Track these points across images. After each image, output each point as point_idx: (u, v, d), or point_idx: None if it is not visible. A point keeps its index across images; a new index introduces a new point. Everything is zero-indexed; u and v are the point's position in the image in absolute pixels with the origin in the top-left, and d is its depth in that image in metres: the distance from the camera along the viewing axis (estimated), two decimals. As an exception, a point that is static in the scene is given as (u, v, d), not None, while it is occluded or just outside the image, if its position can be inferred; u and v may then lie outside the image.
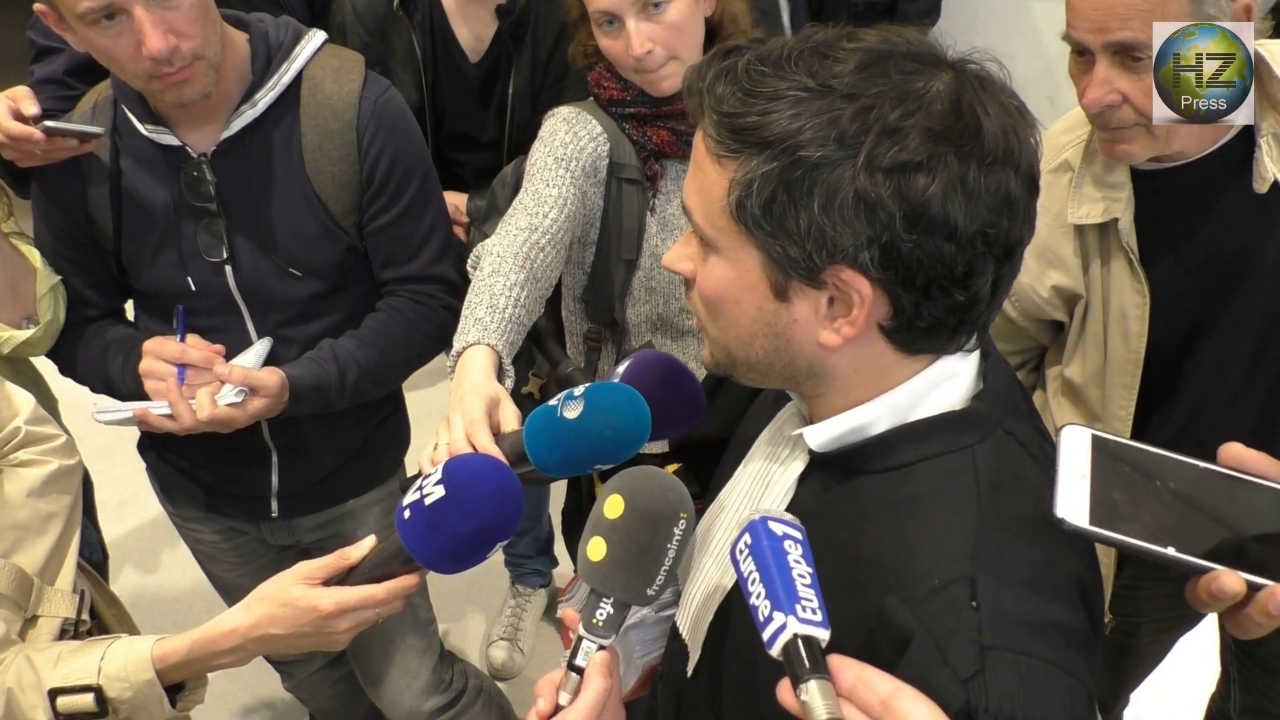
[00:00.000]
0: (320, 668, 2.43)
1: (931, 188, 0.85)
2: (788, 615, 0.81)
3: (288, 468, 1.96)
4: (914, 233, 0.86)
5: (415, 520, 1.11)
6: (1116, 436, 0.91)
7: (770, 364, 0.99)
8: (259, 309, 1.80)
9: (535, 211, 1.73)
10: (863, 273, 0.88)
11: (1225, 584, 0.82)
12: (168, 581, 3.32)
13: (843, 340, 0.92)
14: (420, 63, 2.31)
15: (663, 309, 1.95)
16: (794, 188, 0.87)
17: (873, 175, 0.85)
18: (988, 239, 0.88)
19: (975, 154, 0.86)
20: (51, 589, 1.47)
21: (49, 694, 1.34)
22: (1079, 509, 0.85)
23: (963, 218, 0.86)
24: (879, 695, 0.77)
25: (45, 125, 1.67)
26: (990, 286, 0.91)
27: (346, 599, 1.23)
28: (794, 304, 0.93)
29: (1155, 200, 1.59)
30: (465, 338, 1.49)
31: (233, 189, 1.72)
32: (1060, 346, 1.77)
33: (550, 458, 1.18)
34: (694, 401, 1.28)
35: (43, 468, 1.50)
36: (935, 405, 0.97)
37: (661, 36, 1.76)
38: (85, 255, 1.81)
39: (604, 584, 1.01)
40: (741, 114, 0.88)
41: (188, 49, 1.54)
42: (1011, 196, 0.88)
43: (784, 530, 0.87)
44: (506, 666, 3.00)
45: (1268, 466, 0.89)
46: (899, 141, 0.85)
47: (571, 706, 0.98)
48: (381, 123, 1.76)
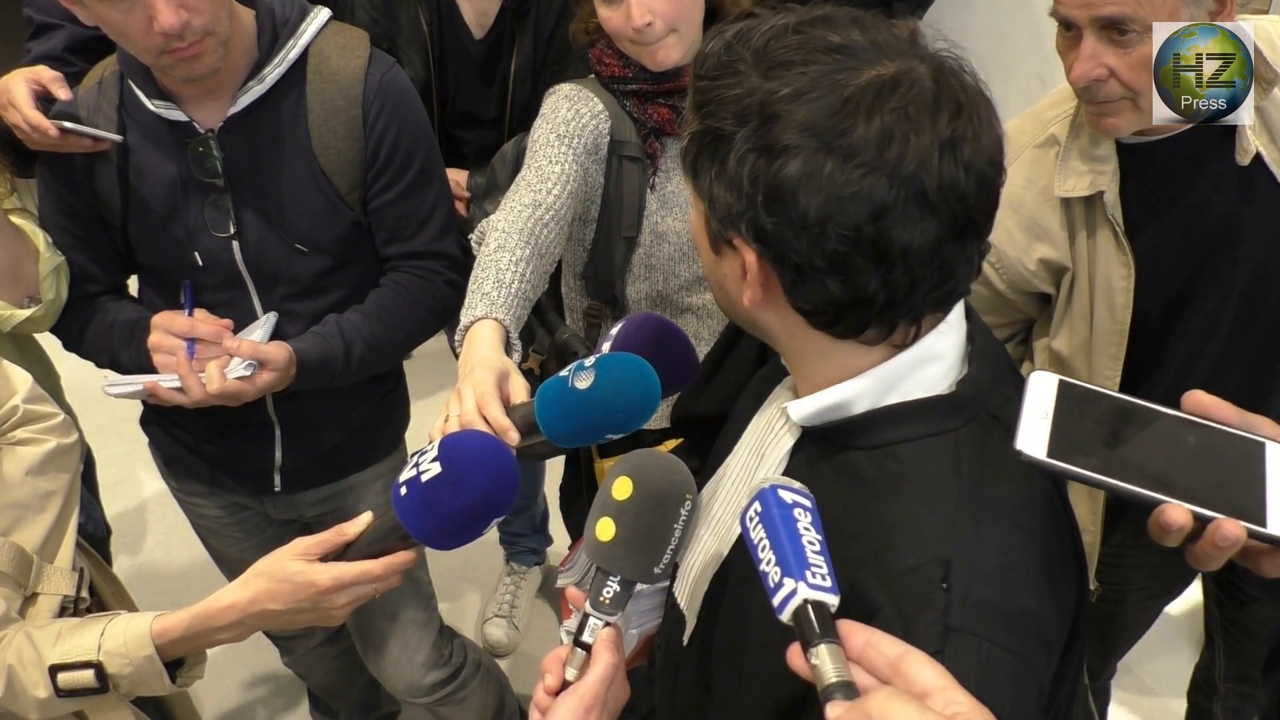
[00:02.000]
0: (320, 643, 2.44)
1: (786, 172, 0.88)
2: (798, 581, 0.82)
3: (291, 442, 1.98)
4: (772, 215, 0.89)
5: (411, 497, 1.13)
6: (1083, 383, 0.95)
7: (730, 313, 1.05)
8: (265, 284, 1.81)
9: (539, 188, 1.75)
10: (746, 242, 0.93)
11: (1172, 516, 0.86)
12: (163, 560, 3.33)
13: (750, 303, 0.97)
14: (427, 39, 2.33)
15: (662, 286, 1.97)
16: (704, 152, 0.94)
17: (746, 154, 0.90)
18: (855, 239, 0.88)
19: (841, 152, 0.87)
20: (51, 567, 1.48)
21: (50, 670, 1.35)
22: (1038, 443, 0.89)
23: (814, 209, 0.87)
24: (887, 658, 0.78)
25: (63, 126, 1.68)
26: (881, 287, 0.91)
27: (344, 574, 1.25)
28: (724, 260, 0.99)
29: (1140, 173, 1.61)
30: (473, 312, 1.51)
31: (239, 164, 1.73)
32: (1047, 319, 1.79)
33: (562, 428, 1.21)
34: (686, 360, 1.31)
35: (41, 446, 1.50)
36: (918, 387, 0.99)
37: (662, 9, 1.78)
38: (91, 231, 1.82)
39: (612, 563, 1.04)
40: (708, 81, 0.95)
41: (198, 25, 1.55)
42: (879, 201, 0.87)
43: (794, 498, 0.89)
44: (501, 644, 3.03)
45: (1228, 413, 0.94)
46: (774, 126, 0.89)
47: (580, 682, 1.01)
48: (387, 100, 1.77)
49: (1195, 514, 0.87)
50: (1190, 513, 0.86)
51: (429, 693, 2.26)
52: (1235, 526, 0.86)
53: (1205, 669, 2.41)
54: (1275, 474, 0.89)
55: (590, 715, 0.99)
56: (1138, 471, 0.89)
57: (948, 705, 0.74)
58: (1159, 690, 2.69)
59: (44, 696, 1.36)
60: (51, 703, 1.37)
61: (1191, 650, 2.48)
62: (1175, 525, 0.86)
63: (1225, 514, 0.87)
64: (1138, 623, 2.19)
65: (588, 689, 1.00)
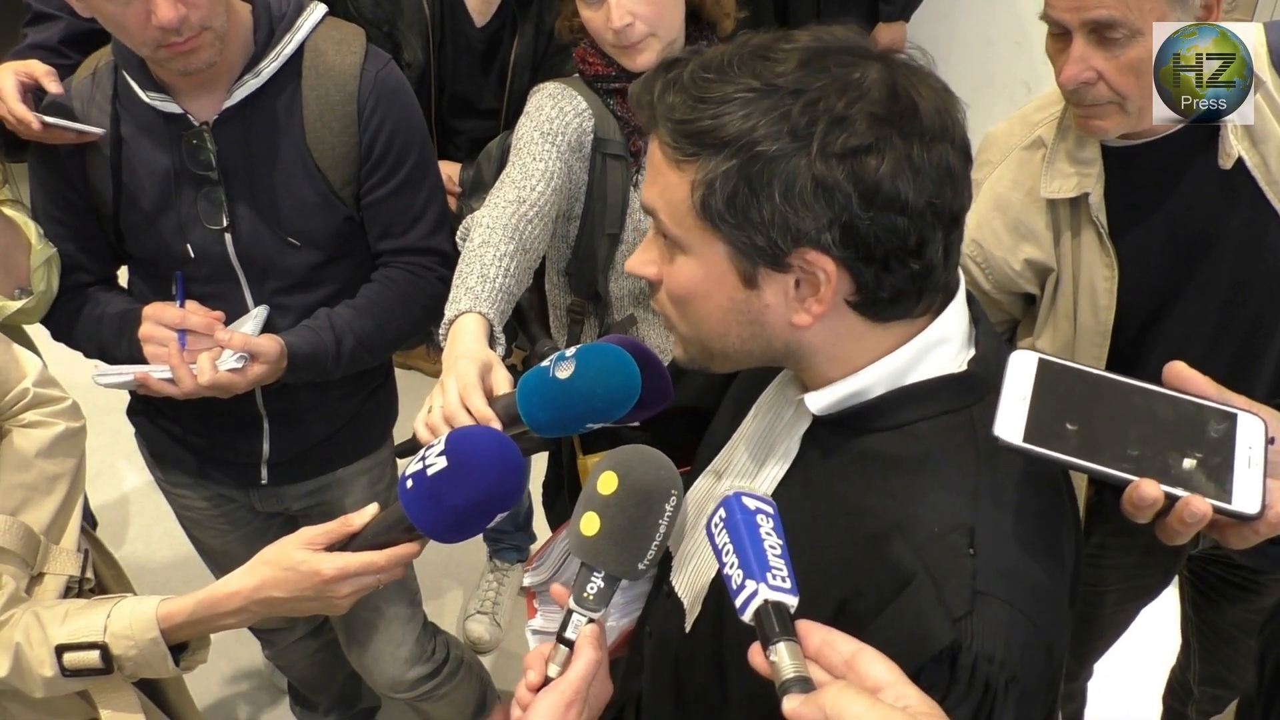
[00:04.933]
0: (301, 636, 2.45)
1: (882, 168, 0.91)
2: (759, 583, 0.86)
3: (279, 435, 1.99)
4: (870, 210, 0.92)
5: (418, 490, 1.14)
6: (1063, 360, 0.98)
7: (749, 350, 1.04)
8: (257, 277, 1.82)
9: (523, 185, 1.77)
10: (825, 252, 0.94)
11: (1144, 492, 0.90)
12: (144, 553, 3.33)
13: (813, 319, 0.98)
14: (429, 25, 2.33)
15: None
16: (754, 181, 0.93)
17: (827, 161, 0.91)
18: (935, 210, 0.94)
19: (916, 133, 0.93)
20: (57, 548, 1.50)
21: (56, 650, 1.37)
22: (1015, 428, 0.93)
23: (912, 192, 0.92)
24: (842, 655, 0.82)
25: (47, 120, 1.68)
26: (942, 253, 0.97)
27: (348, 564, 1.26)
28: (763, 290, 0.99)
29: (1125, 175, 1.64)
30: (457, 306, 1.53)
31: (233, 158, 1.74)
32: (1032, 319, 1.81)
33: (543, 417, 1.22)
34: (660, 387, 1.31)
35: (50, 429, 1.52)
36: (931, 369, 1.02)
37: (642, 11, 1.80)
38: (82, 221, 1.82)
39: (596, 558, 1.05)
40: (694, 120, 0.95)
41: (196, 19, 1.56)
42: (951, 168, 0.95)
43: (757, 505, 0.93)
44: (484, 640, 3.03)
45: (1207, 387, 0.97)
46: (847, 128, 0.91)
47: (562, 678, 1.02)
48: (382, 96, 1.78)
49: (1170, 494, 0.90)
50: (1161, 490, 0.90)
51: (411, 688, 2.27)
52: (1202, 504, 0.90)
53: (1180, 671, 2.44)
54: (1244, 447, 0.93)
55: (571, 711, 1.00)
56: (1111, 452, 0.92)
57: (899, 699, 0.78)
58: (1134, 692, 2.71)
59: (50, 675, 1.38)
60: (57, 681, 1.39)
61: (1167, 653, 2.51)
62: (1148, 500, 0.90)
63: (1194, 491, 0.90)
64: (1115, 624, 2.21)
65: (569, 685, 1.01)
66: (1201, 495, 0.90)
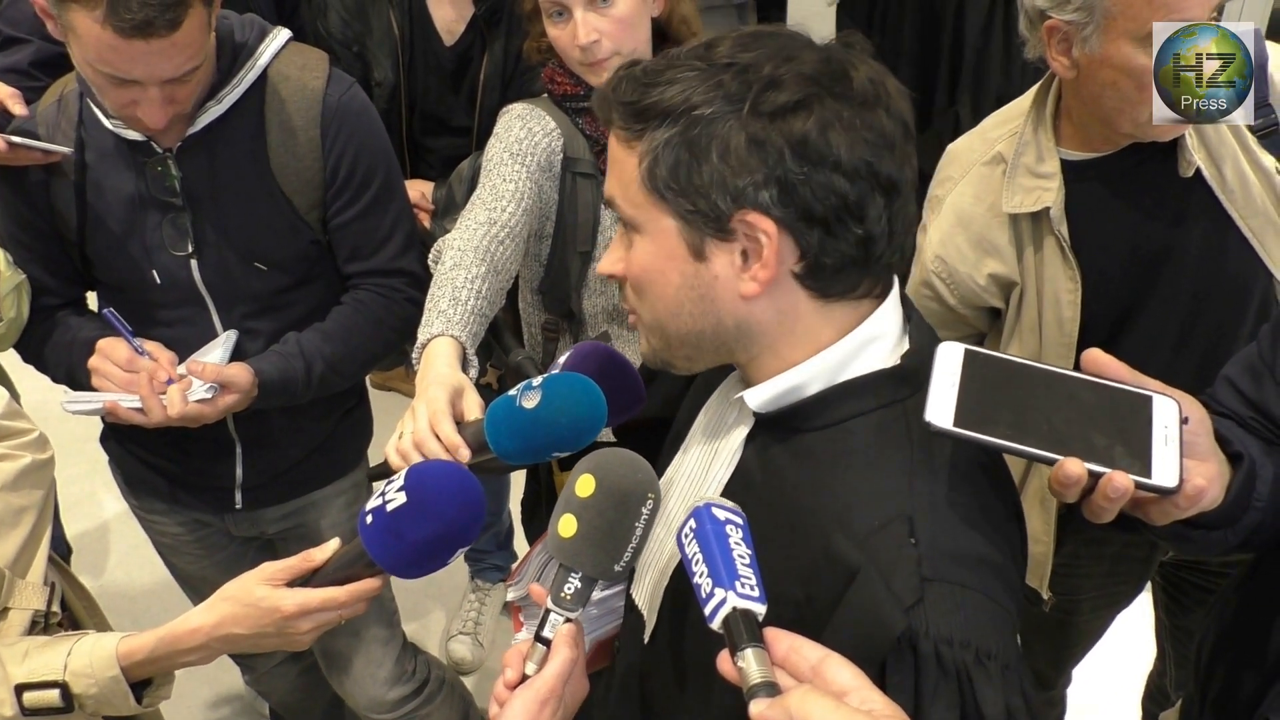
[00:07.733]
0: (281, 662, 2.44)
1: (809, 121, 0.95)
2: (728, 591, 0.89)
3: (252, 460, 1.99)
4: (803, 166, 0.95)
5: (377, 525, 1.14)
6: (988, 350, 1.02)
7: (701, 331, 1.06)
8: (224, 302, 1.82)
9: (493, 206, 1.77)
10: (765, 212, 0.97)
11: (1069, 470, 0.94)
12: (124, 581, 3.31)
13: (760, 286, 1.00)
14: (398, 44, 2.35)
15: (618, 300, 1.99)
16: (694, 145, 0.97)
17: (759, 119, 0.95)
18: (872, 171, 0.96)
19: (846, 95, 0.96)
20: (23, 582, 1.47)
21: (15, 689, 1.35)
22: (945, 413, 0.97)
23: (844, 150, 0.95)
24: (809, 661, 0.84)
25: (12, 140, 1.68)
26: (885, 224, 0.99)
27: (309, 601, 1.26)
28: (711, 261, 1.01)
29: (1084, 188, 1.65)
30: (429, 329, 1.53)
31: (198, 184, 1.74)
32: (997, 332, 1.82)
33: (510, 445, 1.23)
34: (633, 390, 1.33)
35: (15, 462, 1.50)
36: (865, 365, 1.04)
37: (608, 29, 1.81)
38: (48, 245, 1.82)
39: (573, 559, 1.06)
40: (639, 98, 1.00)
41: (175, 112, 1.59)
42: (886, 133, 0.97)
43: (726, 515, 0.95)
44: (466, 660, 3.03)
45: (1123, 372, 1.02)
46: (778, 87, 0.95)
47: (538, 675, 1.04)
48: (345, 119, 1.79)
49: (1093, 471, 0.95)
50: (1085, 467, 0.94)
51: (393, 709, 2.27)
52: (1124, 479, 0.95)
53: (1157, 677, 2.45)
54: (1160, 426, 0.98)
55: (546, 709, 1.02)
56: (1037, 434, 0.97)
57: (863, 703, 0.80)
58: (1113, 699, 2.72)
59: (9, 715, 1.36)
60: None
61: (1146, 659, 2.52)
62: (1073, 478, 0.94)
63: (1116, 468, 0.95)
64: (1091, 632, 2.22)
65: (544, 683, 1.03)
66: (1124, 471, 0.95)
